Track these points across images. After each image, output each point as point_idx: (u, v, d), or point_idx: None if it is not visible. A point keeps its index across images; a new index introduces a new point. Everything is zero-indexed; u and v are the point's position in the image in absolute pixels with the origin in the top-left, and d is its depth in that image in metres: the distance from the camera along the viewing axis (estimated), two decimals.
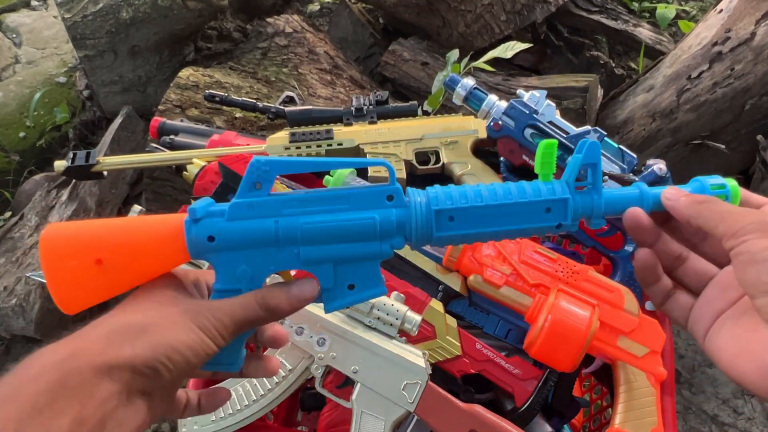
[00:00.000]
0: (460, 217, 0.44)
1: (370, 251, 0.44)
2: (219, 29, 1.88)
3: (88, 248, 0.43)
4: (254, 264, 0.43)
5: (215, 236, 0.43)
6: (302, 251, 0.43)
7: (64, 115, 1.98)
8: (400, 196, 0.44)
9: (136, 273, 0.44)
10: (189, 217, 0.43)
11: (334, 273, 0.44)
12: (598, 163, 0.44)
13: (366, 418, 0.68)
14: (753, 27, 1.42)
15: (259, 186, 0.43)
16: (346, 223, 0.43)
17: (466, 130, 1.05)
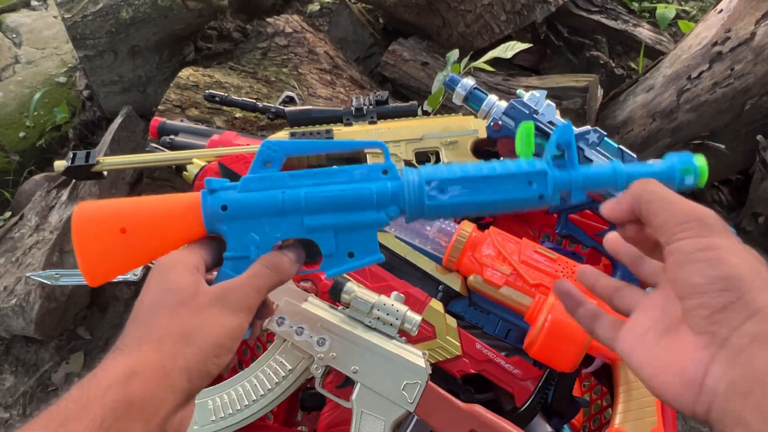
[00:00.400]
0: (449, 187, 0.48)
1: (368, 219, 0.48)
2: (219, 29, 1.88)
3: (114, 218, 0.47)
4: (262, 232, 0.47)
5: (228, 205, 0.47)
6: (306, 219, 0.47)
7: (64, 115, 1.98)
8: (393, 171, 0.49)
9: (156, 242, 0.47)
10: (206, 189, 0.48)
11: (335, 240, 0.48)
12: (572, 141, 0.48)
13: (366, 418, 0.68)
14: (753, 27, 1.42)
15: (269, 165, 0.48)
16: (345, 192, 0.47)
17: (466, 130, 1.05)
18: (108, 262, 0.47)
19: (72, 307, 1.58)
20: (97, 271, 0.47)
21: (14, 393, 1.55)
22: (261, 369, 0.72)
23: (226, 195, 0.47)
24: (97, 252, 0.46)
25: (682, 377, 0.35)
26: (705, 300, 0.35)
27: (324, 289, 0.79)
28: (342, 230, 0.48)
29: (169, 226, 0.48)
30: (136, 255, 0.47)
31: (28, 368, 1.59)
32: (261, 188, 0.47)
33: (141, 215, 0.47)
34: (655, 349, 0.39)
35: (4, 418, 1.52)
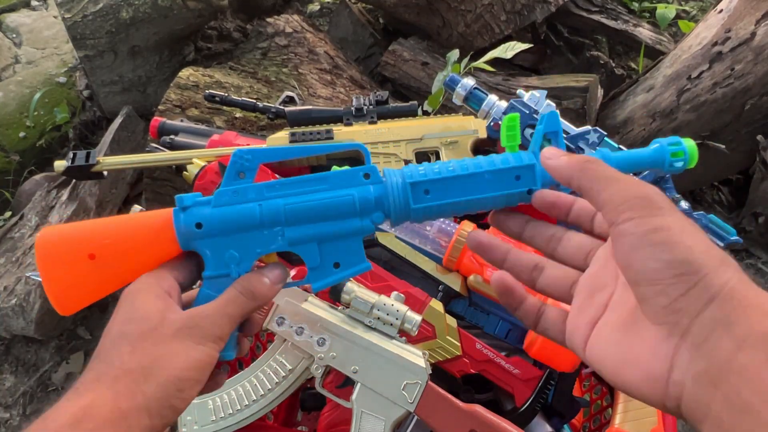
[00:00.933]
0: (434, 188, 0.46)
1: (352, 227, 0.46)
2: (219, 29, 1.88)
3: (81, 244, 0.44)
4: (241, 247, 0.45)
5: (203, 222, 0.44)
6: (287, 232, 0.45)
7: (64, 115, 1.98)
8: (375, 174, 0.46)
9: (129, 266, 0.45)
10: (177, 206, 0.45)
11: (319, 251, 0.46)
12: (559, 131, 0.46)
13: (366, 418, 0.68)
14: (753, 27, 1.42)
15: (242, 176, 0.45)
16: (326, 201, 0.45)
17: (466, 130, 1.05)
18: (78, 291, 0.44)
19: None
20: (67, 301, 0.44)
21: (14, 393, 1.55)
22: (261, 369, 0.72)
23: (200, 211, 0.45)
24: (65, 281, 0.44)
25: (647, 373, 0.34)
26: (662, 288, 0.33)
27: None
28: (325, 240, 0.46)
29: (141, 249, 0.45)
30: (108, 281, 0.44)
31: (28, 368, 1.59)
32: (236, 201, 0.45)
33: (109, 239, 0.44)
34: (612, 343, 0.37)
35: (5, 418, 1.52)
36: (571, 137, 0.96)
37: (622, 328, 0.36)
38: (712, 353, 0.31)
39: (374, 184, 0.46)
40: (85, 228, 0.45)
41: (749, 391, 0.29)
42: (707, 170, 1.62)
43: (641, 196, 0.36)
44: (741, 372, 0.30)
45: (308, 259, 0.46)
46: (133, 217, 0.46)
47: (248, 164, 0.45)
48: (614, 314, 0.38)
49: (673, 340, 0.33)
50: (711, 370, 0.31)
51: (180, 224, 0.45)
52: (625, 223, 0.35)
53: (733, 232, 0.93)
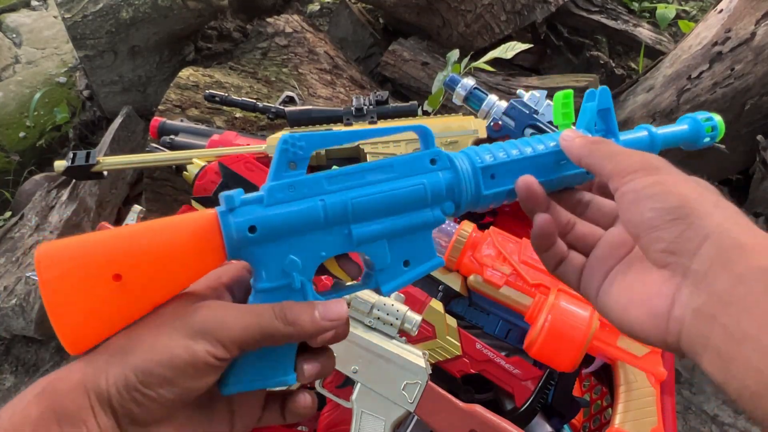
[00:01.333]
0: (500, 172, 0.42)
1: (424, 219, 0.41)
2: (219, 29, 1.88)
3: (103, 262, 0.35)
4: (302, 252, 0.38)
5: (257, 225, 0.37)
6: (354, 230, 0.39)
7: (64, 115, 1.98)
8: (443, 159, 0.42)
9: (164, 285, 0.36)
10: (224, 207, 0.37)
11: (389, 249, 0.40)
12: (611, 108, 0.45)
13: (366, 418, 0.68)
14: (753, 27, 1.42)
15: (293, 166, 0.39)
16: (396, 192, 0.40)
17: (466, 130, 1.05)
18: (98, 321, 0.35)
19: None
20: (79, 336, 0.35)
21: (14, 393, 1.55)
22: None
23: (252, 212, 0.37)
24: (79, 310, 0.34)
25: (650, 311, 0.36)
26: (658, 234, 0.35)
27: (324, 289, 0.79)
28: (395, 237, 0.40)
29: (180, 263, 0.36)
30: (136, 306, 0.36)
31: (28, 368, 1.59)
32: (293, 198, 0.38)
33: (140, 254, 0.35)
34: (622, 288, 0.39)
35: None
36: None
37: (632, 274, 0.39)
38: (711, 288, 0.32)
39: (443, 170, 0.41)
40: (104, 240, 0.36)
41: (748, 320, 0.30)
42: (707, 170, 1.62)
43: (639, 161, 0.39)
44: (739, 303, 0.31)
45: (378, 260, 0.40)
46: (165, 224, 0.37)
47: (301, 152, 0.39)
48: (626, 263, 0.40)
49: (675, 279, 0.35)
50: (710, 303, 0.32)
51: (230, 229, 0.37)
52: (627, 184, 0.38)
53: None
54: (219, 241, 0.37)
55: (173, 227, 0.37)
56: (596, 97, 0.44)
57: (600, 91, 0.44)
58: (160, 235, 0.37)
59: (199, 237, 0.37)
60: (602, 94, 0.44)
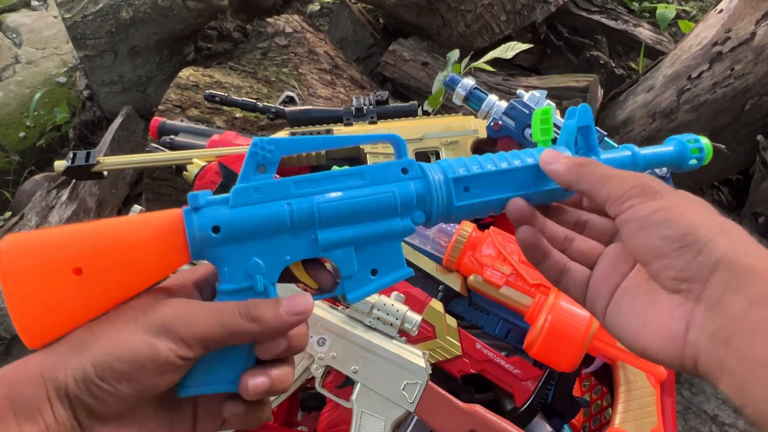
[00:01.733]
0: (474, 185, 0.43)
1: (392, 228, 0.41)
2: (219, 29, 1.88)
3: (63, 255, 0.35)
4: (267, 255, 0.38)
5: (221, 226, 0.37)
6: (320, 235, 0.39)
7: (64, 115, 1.98)
8: (414, 169, 0.42)
9: (124, 282, 0.36)
10: (189, 206, 0.38)
11: (356, 257, 0.40)
12: (591, 126, 0.45)
13: (366, 418, 0.68)
14: (753, 27, 1.42)
15: (263, 170, 0.39)
16: (364, 199, 0.40)
17: (466, 130, 1.05)
18: (57, 315, 0.35)
19: None
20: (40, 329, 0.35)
21: None
22: None
23: (217, 212, 0.37)
24: (39, 304, 0.34)
25: (666, 334, 0.36)
26: (669, 262, 0.36)
27: None
28: (363, 244, 0.40)
29: (142, 260, 0.36)
30: (95, 302, 0.36)
31: None
32: (259, 200, 0.38)
33: (101, 249, 0.35)
34: (633, 309, 0.39)
35: None
36: None
37: (642, 295, 0.38)
38: (725, 312, 0.33)
39: (414, 180, 0.41)
40: (66, 235, 0.36)
41: (761, 345, 0.31)
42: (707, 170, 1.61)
43: (637, 185, 0.38)
44: (753, 327, 0.31)
45: (344, 267, 0.40)
46: (129, 221, 0.37)
47: (270, 156, 0.39)
48: (634, 282, 0.40)
49: (688, 305, 0.35)
50: (724, 328, 0.33)
51: (193, 228, 0.37)
52: (627, 211, 0.38)
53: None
54: (182, 240, 0.37)
55: (136, 224, 0.37)
56: (576, 115, 0.45)
57: (580, 109, 0.45)
58: (123, 231, 0.36)
59: (162, 235, 0.37)
60: (582, 111, 0.45)
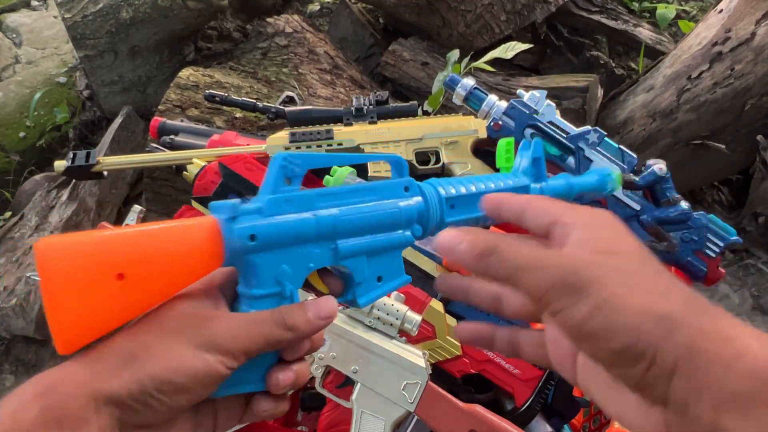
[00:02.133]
0: (459, 203, 0.48)
1: (398, 239, 0.45)
2: (219, 29, 1.88)
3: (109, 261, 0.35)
4: (294, 262, 0.41)
5: (257, 234, 0.39)
6: (339, 245, 0.43)
7: (64, 115, 1.98)
8: (414, 187, 0.47)
9: (163, 287, 0.37)
10: (225, 216, 0.39)
11: (367, 265, 0.45)
12: (542, 158, 0.51)
13: (366, 418, 0.68)
14: (753, 27, 1.42)
15: (289, 182, 0.42)
16: (378, 213, 0.44)
17: (466, 130, 1.05)
18: (92, 320, 0.35)
19: None
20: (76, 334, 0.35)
21: None
22: None
23: (253, 222, 0.40)
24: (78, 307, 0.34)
25: (644, 423, 0.33)
26: (622, 371, 0.33)
27: None
28: (373, 253, 0.45)
29: (180, 267, 0.37)
30: (134, 306, 0.36)
31: (28, 368, 1.59)
32: (289, 211, 0.41)
33: (146, 255, 0.36)
34: (602, 383, 0.35)
35: None
36: (571, 137, 0.96)
37: (604, 379, 0.35)
38: (697, 422, 0.31)
39: (414, 197, 0.46)
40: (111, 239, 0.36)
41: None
42: (707, 170, 1.62)
43: (557, 280, 0.34)
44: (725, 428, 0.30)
45: (357, 274, 0.44)
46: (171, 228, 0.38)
47: (298, 170, 0.42)
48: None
49: (657, 407, 0.33)
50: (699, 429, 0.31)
51: (232, 236, 0.39)
52: (555, 317, 0.34)
53: (733, 232, 0.93)
54: (219, 248, 0.39)
55: (179, 232, 0.38)
56: (532, 147, 0.51)
57: (534, 143, 0.51)
58: (167, 239, 0.38)
59: (203, 242, 0.38)
60: (536, 145, 0.51)
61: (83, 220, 1.65)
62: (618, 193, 0.95)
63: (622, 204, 0.94)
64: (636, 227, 0.94)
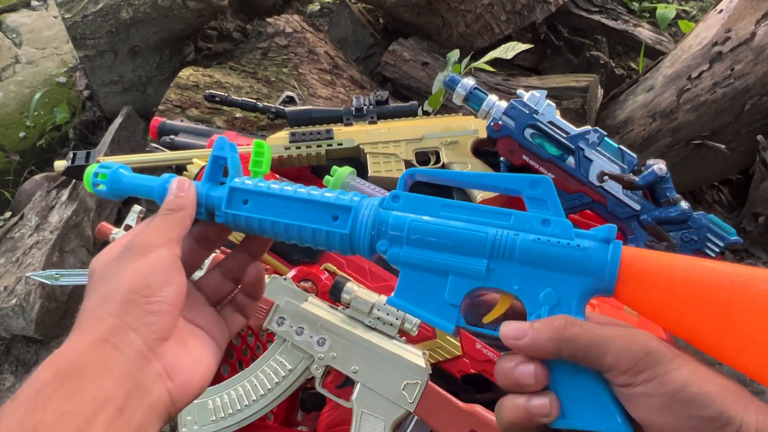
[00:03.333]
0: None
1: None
2: (219, 29, 1.88)
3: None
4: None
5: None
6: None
7: (64, 115, 1.98)
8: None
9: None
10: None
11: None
12: (236, 162, 0.48)
13: (366, 418, 0.68)
14: (753, 27, 1.42)
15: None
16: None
17: (466, 130, 1.05)
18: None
19: (72, 307, 1.58)
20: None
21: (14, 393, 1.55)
22: (261, 369, 0.72)
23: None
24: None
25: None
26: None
27: (324, 289, 0.79)
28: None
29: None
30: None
31: (28, 368, 1.59)
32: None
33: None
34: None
35: None
36: (571, 137, 0.96)
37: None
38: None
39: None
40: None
41: None
42: (707, 170, 1.62)
43: (646, 352, 0.36)
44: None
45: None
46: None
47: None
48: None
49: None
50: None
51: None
52: (645, 385, 0.36)
53: (733, 232, 0.93)
54: None
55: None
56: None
57: (218, 140, 0.48)
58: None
59: None
60: (219, 142, 0.48)
61: (83, 220, 1.65)
62: (618, 193, 0.95)
63: (622, 204, 0.94)
64: (636, 227, 0.94)
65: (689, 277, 0.39)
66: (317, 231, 0.45)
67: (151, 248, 0.43)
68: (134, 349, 0.39)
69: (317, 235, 0.45)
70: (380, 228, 0.44)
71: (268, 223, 0.46)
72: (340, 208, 0.45)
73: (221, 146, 0.48)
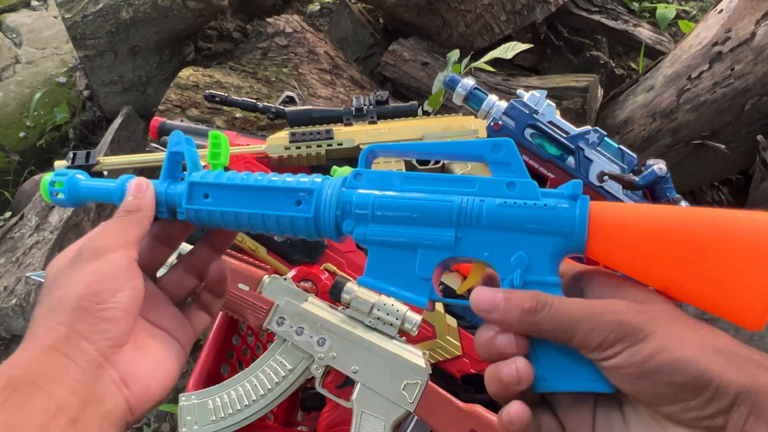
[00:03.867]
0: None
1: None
2: (219, 29, 1.88)
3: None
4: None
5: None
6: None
7: (64, 115, 1.98)
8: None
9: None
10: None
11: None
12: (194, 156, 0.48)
13: (366, 418, 0.68)
14: (753, 27, 1.42)
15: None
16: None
17: (466, 130, 1.05)
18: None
19: None
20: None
21: None
22: (261, 369, 0.72)
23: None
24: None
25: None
26: (684, 405, 0.34)
27: (324, 289, 0.79)
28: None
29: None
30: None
31: None
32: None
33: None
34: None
35: None
36: (571, 137, 0.96)
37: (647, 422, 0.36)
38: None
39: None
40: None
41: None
42: (707, 170, 1.62)
43: (615, 326, 0.35)
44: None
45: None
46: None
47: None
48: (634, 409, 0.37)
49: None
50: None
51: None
52: (615, 358, 0.35)
53: None
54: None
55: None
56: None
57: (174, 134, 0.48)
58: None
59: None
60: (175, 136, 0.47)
61: (83, 220, 1.65)
62: (618, 193, 0.95)
63: None
64: None
65: (659, 225, 0.37)
66: (281, 218, 0.44)
67: (104, 252, 0.42)
68: (87, 358, 0.38)
69: (282, 222, 0.44)
70: (344, 208, 0.43)
71: (231, 215, 0.45)
72: (301, 191, 0.44)
73: (177, 141, 0.47)
